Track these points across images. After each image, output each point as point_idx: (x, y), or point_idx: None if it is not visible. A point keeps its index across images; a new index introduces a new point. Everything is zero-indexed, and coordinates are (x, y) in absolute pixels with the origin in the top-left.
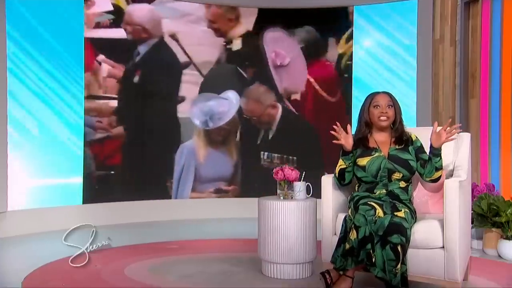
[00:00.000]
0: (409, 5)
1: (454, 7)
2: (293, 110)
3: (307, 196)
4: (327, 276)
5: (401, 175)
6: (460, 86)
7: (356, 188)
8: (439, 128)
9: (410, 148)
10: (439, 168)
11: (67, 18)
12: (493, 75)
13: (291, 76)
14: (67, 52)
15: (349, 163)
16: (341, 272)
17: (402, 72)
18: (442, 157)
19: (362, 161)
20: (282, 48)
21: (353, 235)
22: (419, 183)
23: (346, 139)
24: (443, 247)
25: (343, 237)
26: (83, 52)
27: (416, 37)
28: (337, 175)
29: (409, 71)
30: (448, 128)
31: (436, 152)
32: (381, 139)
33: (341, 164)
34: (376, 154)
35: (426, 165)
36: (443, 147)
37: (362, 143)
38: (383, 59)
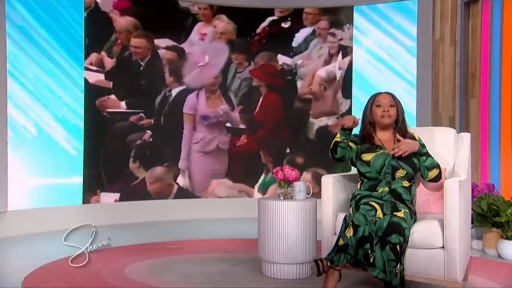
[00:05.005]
0: (409, 5)
1: (454, 7)
2: None
3: (307, 196)
4: (320, 264)
5: (405, 172)
6: (460, 86)
7: (359, 186)
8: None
9: None
10: (430, 168)
11: (67, 19)
12: (493, 75)
13: None
14: (67, 52)
15: (344, 139)
16: (329, 264)
17: (402, 72)
18: (429, 156)
19: (367, 157)
20: None
21: (349, 232)
22: (421, 182)
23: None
24: (443, 247)
25: None
26: (83, 53)
27: (416, 37)
28: (331, 147)
29: (409, 71)
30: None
31: (418, 152)
32: (385, 138)
33: (337, 137)
34: (381, 151)
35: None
36: (442, 146)
37: (368, 139)
38: (383, 59)
